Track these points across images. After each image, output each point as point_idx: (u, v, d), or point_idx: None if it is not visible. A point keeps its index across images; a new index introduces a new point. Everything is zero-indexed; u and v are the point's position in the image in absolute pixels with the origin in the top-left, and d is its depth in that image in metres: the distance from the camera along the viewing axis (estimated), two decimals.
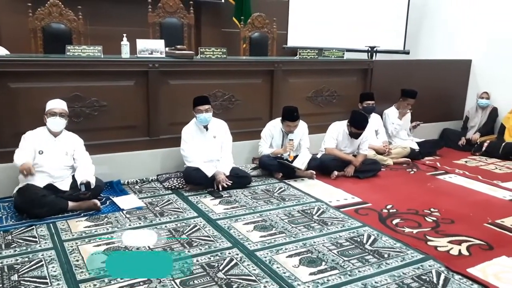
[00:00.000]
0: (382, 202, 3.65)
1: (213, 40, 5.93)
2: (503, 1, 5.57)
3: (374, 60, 5.55)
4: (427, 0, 6.49)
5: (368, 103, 4.85)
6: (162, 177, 3.96)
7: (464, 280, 2.46)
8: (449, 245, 2.90)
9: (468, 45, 6.01)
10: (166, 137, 4.09)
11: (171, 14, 5.17)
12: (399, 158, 4.88)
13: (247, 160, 4.49)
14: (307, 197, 3.73)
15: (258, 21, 5.67)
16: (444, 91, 5.87)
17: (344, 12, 6.32)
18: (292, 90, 4.71)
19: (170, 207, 3.43)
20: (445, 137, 5.77)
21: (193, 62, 4.17)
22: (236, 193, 3.75)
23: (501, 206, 3.68)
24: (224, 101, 4.33)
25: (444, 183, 4.28)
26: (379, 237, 2.98)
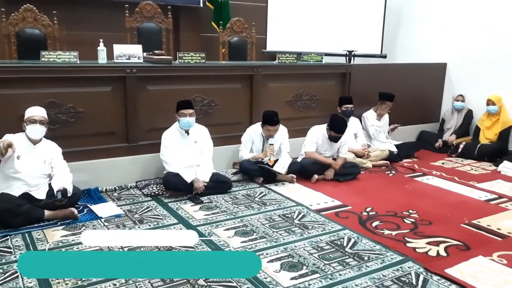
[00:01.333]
0: (362, 204, 3.68)
1: (192, 45, 5.90)
2: (477, 6, 5.70)
3: (352, 64, 5.62)
4: (403, 6, 6.61)
5: (347, 106, 4.90)
6: (141, 183, 3.91)
7: (443, 280, 2.50)
8: (427, 246, 2.94)
9: (443, 49, 6.13)
10: (145, 143, 4.04)
11: (149, 19, 5.14)
12: (378, 161, 4.94)
13: (227, 165, 4.48)
14: (288, 201, 3.74)
15: (237, 25, 5.67)
16: (420, 94, 5.98)
17: (322, 17, 6.38)
18: (271, 95, 4.72)
19: (150, 214, 3.39)
20: (422, 139, 5.86)
21: (172, 67, 4.14)
22: (217, 199, 3.73)
23: (477, 206, 3.75)
24: (204, 106, 4.31)
25: (422, 184, 4.34)
26: (359, 240, 3.00)
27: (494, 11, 5.52)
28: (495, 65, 5.53)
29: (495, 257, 2.78)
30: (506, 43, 5.40)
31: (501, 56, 5.46)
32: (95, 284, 2.36)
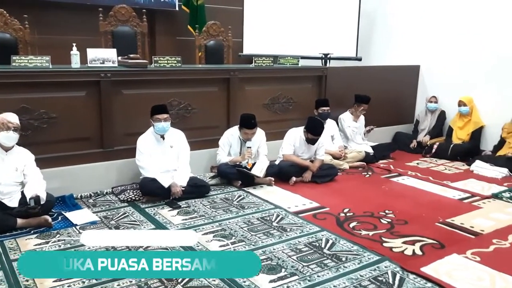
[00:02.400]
0: (340, 206, 3.71)
1: (168, 48, 5.87)
2: (449, 9, 5.84)
3: (328, 67, 5.68)
4: (376, 9, 6.72)
5: (324, 109, 4.94)
6: (117, 189, 3.85)
7: (419, 279, 2.54)
8: (403, 245, 2.99)
9: (416, 51, 6.25)
10: (121, 148, 3.99)
11: (124, 23, 5.08)
12: (354, 162, 5.00)
13: (205, 169, 4.45)
14: (266, 204, 3.74)
15: (213, 29, 5.67)
16: (395, 96, 6.08)
17: (298, 20, 6.43)
18: (248, 98, 4.73)
19: (126, 220, 3.34)
20: (397, 140, 5.96)
21: (147, 71, 4.11)
22: (195, 203, 3.70)
23: (451, 205, 3.83)
24: (180, 110, 4.28)
25: (398, 185, 4.42)
26: (337, 241, 3.03)
27: (465, 15, 5.67)
28: (466, 67, 5.67)
29: (469, 255, 2.85)
30: (477, 46, 5.55)
31: (472, 58, 5.60)
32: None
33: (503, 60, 5.30)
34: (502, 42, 5.29)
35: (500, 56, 5.32)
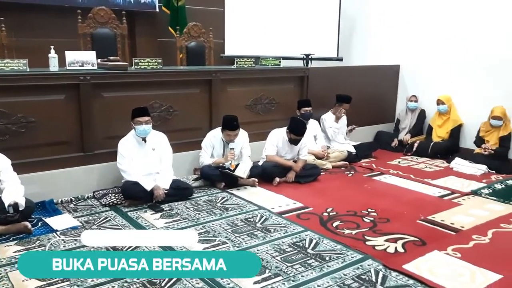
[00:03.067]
0: (323, 205, 3.73)
1: (149, 50, 5.82)
2: (428, 10, 5.93)
3: (309, 68, 5.71)
4: (356, 10, 6.78)
5: (306, 109, 4.97)
6: (99, 193, 3.80)
7: (401, 276, 2.57)
8: (386, 243, 3.02)
9: (396, 51, 6.33)
10: (102, 152, 3.94)
11: (103, 25, 5.03)
12: (337, 162, 5.04)
13: (188, 171, 4.43)
14: (250, 205, 3.74)
15: (194, 30, 5.65)
16: (376, 95, 6.15)
17: (280, 21, 6.45)
18: (231, 99, 4.72)
19: (108, 224, 3.30)
20: (379, 139, 6.03)
21: (128, 73, 4.07)
22: (178, 206, 3.68)
23: (432, 202, 3.89)
24: (162, 112, 4.25)
25: (380, 183, 4.46)
26: (321, 241, 3.04)
27: (443, 16, 5.76)
28: (445, 67, 5.77)
29: (450, 251, 2.90)
30: (455, 46, 5.64)
31: (450, 58, 5.70)
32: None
33: (480, 59, 5.40)
34: (480, 42, 5.39)
35: (477, 56, 5.42)
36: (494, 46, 5.26)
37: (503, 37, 5.16)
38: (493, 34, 5.25)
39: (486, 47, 5.34)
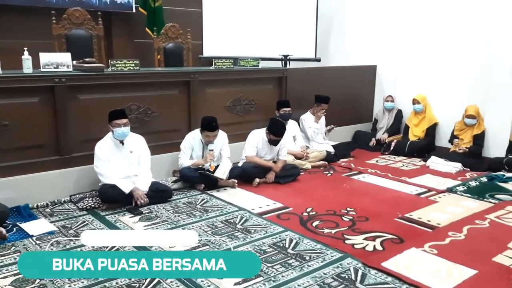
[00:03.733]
0: (303, 205, 3.76)
1: (126, 51, 5.76)
2: (403, 11, 6.03)
3: (288, 68, 5.74)
4: (333, 11, 6.85)
5: (285, 110, 4.98)
6: (76, 197, 3.73)
7: (380, 274, 2.61)
8: (364, 241, 3.06)
9: (372, 52, 6.42)
10: (79, 155, 3.87)
11: (78, 26, 4.94)
12: (316, 162, 5.07)
13: (167, 173, 4.39)
14: (230, 206, 3.74)
15: (172, 31, 5.61)
16: (354, 95, 6.22)
17: (257, 22, 6.46)
18: (210, 100, 4.70)
19: (86, 228, 3.24)
20: (357, 139, 6.10)
21: (104, 75, 4.01)
22: (157, 208, 3.65)
23: (409, 200, 3.96)
24: (140, 114, 4.20)
25: (359, 182, 4.52)
26: (301, 240, 3.06)
27: (418, 17, 5.86)
28: (420, 67, 5.88)
29: (427, 248, 2.95)
30: (430, 47, 5.76)
31: (425, 58, 5.81)
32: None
33: (454, 59, 5.53)
34: (454, 43, 5.52)
35: (451, 56, 5.55)
36: (467, 47, 5.39)
37: (476, 39, 5.29)
38: (466, 36, 5.38)
39: (459, 48, 5.46)
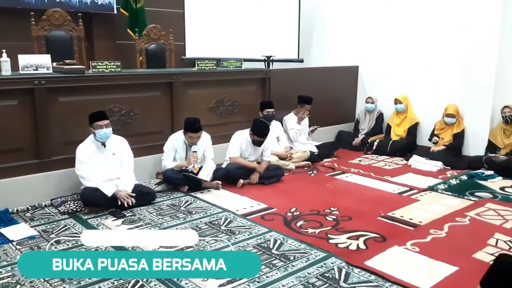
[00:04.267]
0: (287, 205, 3.77)
1: (108, 53, 5.70)
2: (384, 12, 6.10)
3: (271, 69, 5.75)
4: (316, 13, 6.89)
5: (268, 111, 4.99)
6: (57, 201, 3.68)
7: (363, 272, 2.63)
8: (348, 241, 3.08)
9: (354, 52, 6.47)
10: (60, 158, 3.82)
11: (58, 27, 4.87)
12: (300, 162, 5.09)
13: (150, 175, 4.36)
14: (214, 208, 3.73)
15: (154, 32, 5.57)
16: (337, 96, 6.27)
17: (240, 23, 6.47)
18: (193, 102, 4.68)
19: (68, 232, 3.20)
20: (340, 139, 6.14)
21: (85, 77, 3.96)
22: (140, 211, 3.62)
23: (392, 199, 4.01)
24: (122, 116, 4.16)
25: (342, 182, 4.55)
26: (285, 241, 3.07)
27: (399, 18, 5.94)
28: (401, 67, 5.96)
29: (409, 246, 2.99)
30: (410, 48, 5.84)
31: (406, 59, 5.89)
32: None
33: (433, 60, 5.61)
34: (433, 44, 5.60)
35: (431, 57, 5.63)
36: (446, 48, 5.47)
37: (455, 39, 5.38)
38: (447, 36, 5.47)
39: (440, 48, 5.55)
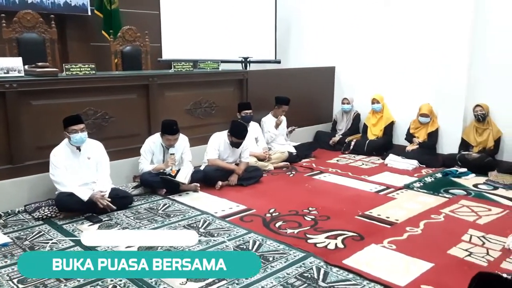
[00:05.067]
0: (266, 206, 3.77)
1: (82, 55, 5.60)
2: (359, 13, 6.17)
3: (248, 71, 5.75)
4: (291, 14, 6.92)
5: (246, 112, 4.99)
6: (31, 207, 3.59)
7: (341, 271, 2.65)
8: (326, 240, 3.11)
9: (331, 53, 6.53)
10: (33, 163, 3.73)
11: (30, 29, 4.77)
12: (279, 163, 5.11)
13: (127, 179, 4.30)
14: (192, 210, 3.70)
15: (129, 34, 5.51)
16: (314, 96, 6.32)
17: (217, 24, 6.45)
18: (169, 104, 4.65)
19: (42, 239, 3.12)
20: (318, 139, 6.19)
21: (58, 79, 3.88)
22: (117, 215, 3.56)
23: (369, 198, 4.06)
24: (97, 119, 4.10)
25: (320, 182, 4.59)
26: (264, 242, 3.07)
27: (374, 19, 6.03)
28: (376, 68, 6.04)
29: (386, 244, 3.03)
30: (384, 49, 5.93)
31: (381, 59, 5.98)
32: None
33: (407, 60, 5.71)
34: (407, 45, 5.70)
35: (405, 57, 5.73)
36: (420, 49, 5.58)
37: (428, 41, 5.48)
38: (419, 38, 5.57)
39: (413, 49, 5.65)
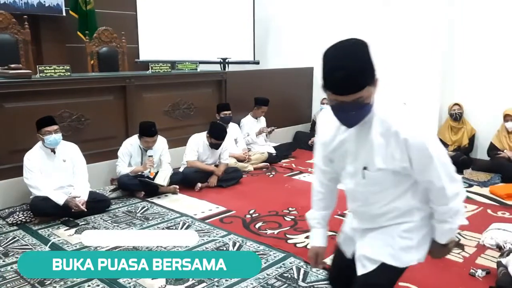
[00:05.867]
0: (246, 208, 3.77)
1: (57, 56, 5.48)
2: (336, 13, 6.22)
3: (227, 71, 5.74)
4: (269, 15, 6.92)
5: (225, 113, 4.98)
6: (5, 212, 3.50)
7: (321, 271, 2.66)
8: (306, 240, 3.11)
9: (309, 54, 6.54)
10: (7, 167, 3.65)
11: (2, 30, 4.67)
12: (258, 164, 5.11)
13: (105, 182, 4.24)
14: (171, 213, 3.67)
15: (105, 35, 5.43)
16: (293, 97, 6.34)
17: (195, 25, 6.40)
18: (147, 105, 4.60)
19: (17, 245, 3.05)
20: (298, 139, 6.22)
21: (32, 81, 3.80)
22: (94, 219, 3.51)
23: None
24: (73, 122, 4.02)
25: (300, 182, 4.60)
26: (244, 243, 3.06)
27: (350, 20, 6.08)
28: None
29: None
30: None
31: None
32: None
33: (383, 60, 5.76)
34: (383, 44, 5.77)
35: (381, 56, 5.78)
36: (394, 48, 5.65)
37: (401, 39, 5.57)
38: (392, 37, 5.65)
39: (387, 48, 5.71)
